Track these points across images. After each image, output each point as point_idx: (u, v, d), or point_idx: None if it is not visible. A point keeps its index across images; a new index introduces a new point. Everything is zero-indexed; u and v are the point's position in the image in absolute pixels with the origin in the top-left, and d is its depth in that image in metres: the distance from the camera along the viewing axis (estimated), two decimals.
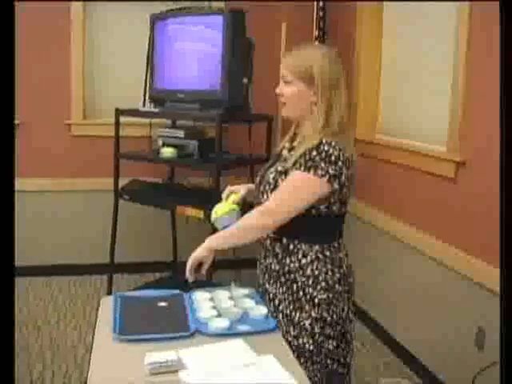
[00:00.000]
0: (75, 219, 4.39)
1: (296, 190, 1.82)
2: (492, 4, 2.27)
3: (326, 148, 1.79)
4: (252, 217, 1.87)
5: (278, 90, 1.92)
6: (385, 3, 3.71)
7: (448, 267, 2.87)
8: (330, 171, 1.78)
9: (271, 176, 1.90)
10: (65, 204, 4.36)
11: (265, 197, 1.91)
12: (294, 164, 1.83)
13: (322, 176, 1.78)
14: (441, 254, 2.94)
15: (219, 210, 2.01)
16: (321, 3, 3.88)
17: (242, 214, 1.98)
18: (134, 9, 4.25)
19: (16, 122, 4.13)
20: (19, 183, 3.99)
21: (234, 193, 2.09)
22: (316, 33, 3.84)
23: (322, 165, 1.78)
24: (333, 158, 1.78)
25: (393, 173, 3.46)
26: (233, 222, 1.94)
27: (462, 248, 2.77)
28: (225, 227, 1.95)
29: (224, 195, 2.10)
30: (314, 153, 1.79)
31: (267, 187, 1.90)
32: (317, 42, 3.81)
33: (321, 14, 3.81)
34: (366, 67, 3.82)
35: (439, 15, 3.10)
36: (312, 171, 1.78)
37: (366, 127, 3.86)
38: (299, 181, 1.81)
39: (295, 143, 1.94)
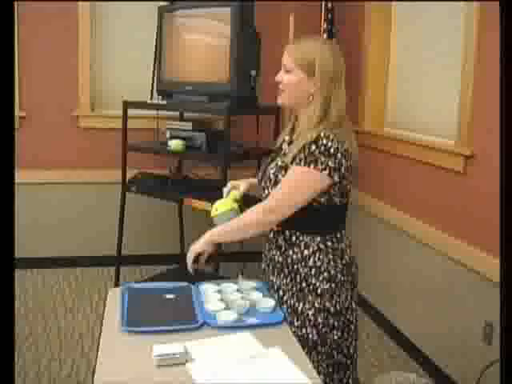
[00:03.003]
0: (82, 211, 4.41)
1: (298, 186, 1.83)
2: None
3: (324, 141, 1.79)
4: (255, 213, 1.88)
5: (277, 77, 1.93)
6: None
7: (456, 261, 2.86)
8: (330, 164, 1.79)
9: (271, 171, 1.92)
10: (72, 196, 4.37)
11: (266, 192, 1.93)
12: (294, 159, 1.83)
13: (323, 170, 1.79)
14: (449, 247, 2.93)
15: (220, 207, 2.02)
16: None
17: (245, 209, 1.99)
18: (142, 1, 4.23)
19: (23, 114, 4.15)
20: (26, 175, 4.04)
21: (235, 189, 2.11)
22: (324, 25, 3.82)
23: (322, 158, 1.78)
24: (332, 150, 1.79)
25: (400, 166, 3.45)
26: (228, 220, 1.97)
27: (471, 241, 2.76)
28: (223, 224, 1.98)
29: (225, 192, 2.11)
30: (313, 147, 1.79)
31: (268, 183, 1.92)
32: (325, 35, 3.78)
33: (329, 5, 3.78)
34: (374, 59, 3.80)
35: (451, 8, 3.07)
36: (312, 165, 1.79)
37: (374, 120, 3.84)
38: (300, 176, 1.82)
39: (294, 136, 1.94)
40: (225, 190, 2.12)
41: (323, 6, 3.80)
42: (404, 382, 1.80)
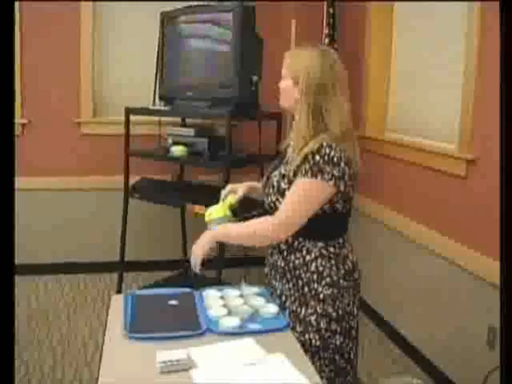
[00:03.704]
0: (85, 217, 4.41)
1: (307, 199, 1.83)
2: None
3: (327, 151, 1.80)
4: (266, 228, 1.87)
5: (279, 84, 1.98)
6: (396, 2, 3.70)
7: (459, 265, 2.85)
8: (335, 173, 1.79)
9: (275, 179, 1.93)
10: (75, 202, 4.37)
11: (269, 199, 1.93)
12: (297, 170, 1.83)
13: (329, 180, 1.79)
14: (452, 252, 2.92)
15: (213, 214, 2.03)
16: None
17: (242, 211, 2.03)
18: (143, 7, 4.24)
19: (25, 120, 4.17)
20: (28, 181, 4.05)
21: (233, 193, 2.11)
22: (326, 30, 3.82)
23: (327, 168, 1.79)
24: (335, 159, 1.79)
25: (403, 171, 3.45)
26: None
27: (473, 246, 2.75)
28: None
29: (222, 195, 2.12)
30: (317, 157, 1.79)
31: (271, 190, 1.93)
32: (327, 39, 3.79)
33: (331, 10, 3.79)
34: (376, 64, 3.80)
35: (452, 13, 3.08)
36: (319, 176, 1.79)
37: (375, 125, 3.85)
38: (309, 189, 1.81)
39: (291, 143, 1.95)
40: (223, 192, 2.13)
41: (325, 11, 3.82)
42: None
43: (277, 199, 1.89)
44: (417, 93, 3.47)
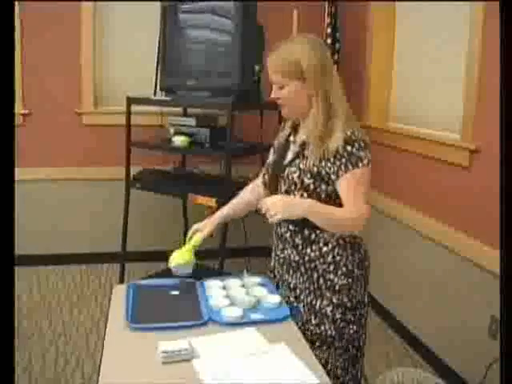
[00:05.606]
0: (86, 208, 4.41)
1: (364, 188, 1.82)
2: None
3: (355, 138, 1.79)
4: (348, 222, 1.81)
5: (273, 95, 1.92)
6: None
7: (461, 255, 2.85)
8: (369, 156, 1.82)
9: (295, 175, 1.87)
10: (76, 193, 4.37)
11: (292, 196, 1.88)
12: (338, 169, 1.79)
13: (368, 164, 1.81)
14: (454, 242, 2.92)
15: (174, 260, 2.02)
16: None
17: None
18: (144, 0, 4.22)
19: (26, 111, 4.15)
20: (30, 172, 4.05)
21: (197, 233, 2.09)
22: (327, 19, 3.80)
23: (362, 154, 1.79)
24: (362, 144, 1.80)
25: (405, 161, 3.44)
26: (186, 271, 2.01)
27: (476, 236, 2.75)
28: (178, 276, 2.01)
29: (188, 236, 2.12)
30: (349, 147, 1.78)
31: (293, 187, 1.88)
32: (329, 29, 3.76)
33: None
34: (378, 54, 3.78)
35: (454, 3, 3.05)
36: (360, 164, 1.79)
37: (379, 115, 3.83)
38: (361, 179, 1.80)
39: (303, 136, 1.91)
40: (188, 234, 2.12)
41: (326, 0, 3.79)
42: (411, 379, 1.80)
43: (301, 195, 1.86)
44: (419, 83, 3.45)
